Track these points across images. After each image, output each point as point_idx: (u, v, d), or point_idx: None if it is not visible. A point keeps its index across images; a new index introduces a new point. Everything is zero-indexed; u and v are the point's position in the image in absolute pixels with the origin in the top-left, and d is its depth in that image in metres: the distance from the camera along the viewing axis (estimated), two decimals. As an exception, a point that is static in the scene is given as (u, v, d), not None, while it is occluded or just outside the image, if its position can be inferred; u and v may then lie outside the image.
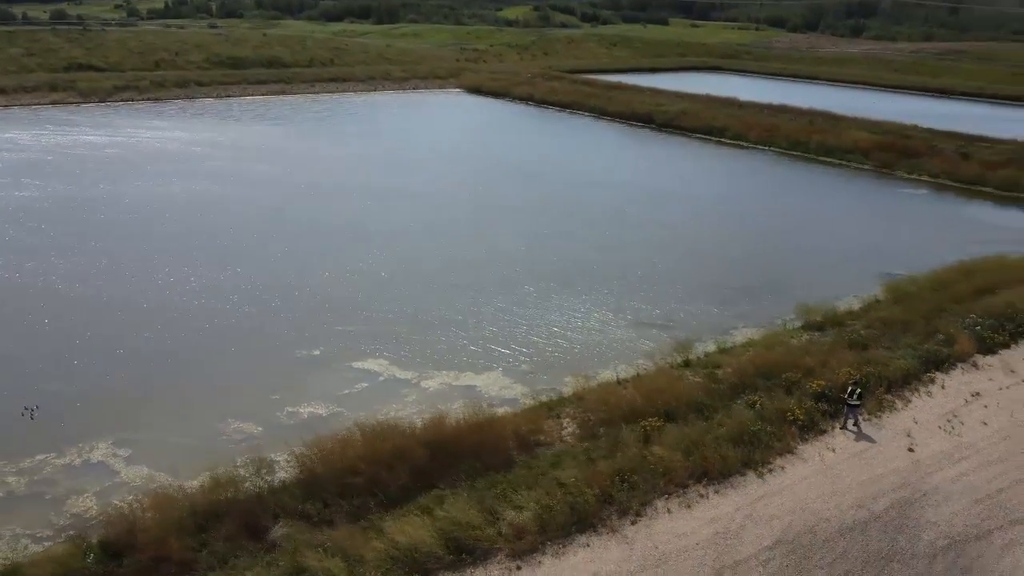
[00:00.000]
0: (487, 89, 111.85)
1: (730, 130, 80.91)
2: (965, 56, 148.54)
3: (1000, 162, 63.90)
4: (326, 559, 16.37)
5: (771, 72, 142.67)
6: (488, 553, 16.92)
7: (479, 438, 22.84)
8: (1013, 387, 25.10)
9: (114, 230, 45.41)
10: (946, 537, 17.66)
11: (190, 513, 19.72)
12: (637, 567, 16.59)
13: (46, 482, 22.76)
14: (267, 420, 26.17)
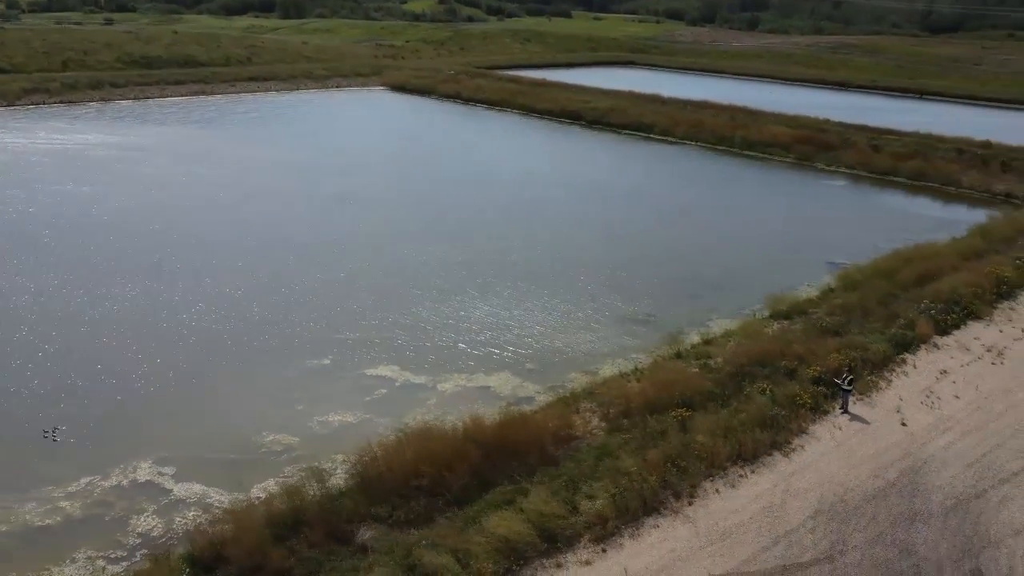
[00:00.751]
0: (411, 87, 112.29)
1: (658, 126, 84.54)
2: (855, 50, 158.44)
3: (908, 154, 69.63)
4: (437, 555, 17.83)
5: (681, 66, 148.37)
6: (573, 539, 18.78)
7: (517, 436, 24.58)
8: (972, 363, 28.69)
9: (82, 241, 44.58)
10: (952, 498, 20.65)
11: (268, 523, 20.72)
12: (705, 542, 18.81)
13: (101, 504, 23.15)
14: (300, 430, 27.08)
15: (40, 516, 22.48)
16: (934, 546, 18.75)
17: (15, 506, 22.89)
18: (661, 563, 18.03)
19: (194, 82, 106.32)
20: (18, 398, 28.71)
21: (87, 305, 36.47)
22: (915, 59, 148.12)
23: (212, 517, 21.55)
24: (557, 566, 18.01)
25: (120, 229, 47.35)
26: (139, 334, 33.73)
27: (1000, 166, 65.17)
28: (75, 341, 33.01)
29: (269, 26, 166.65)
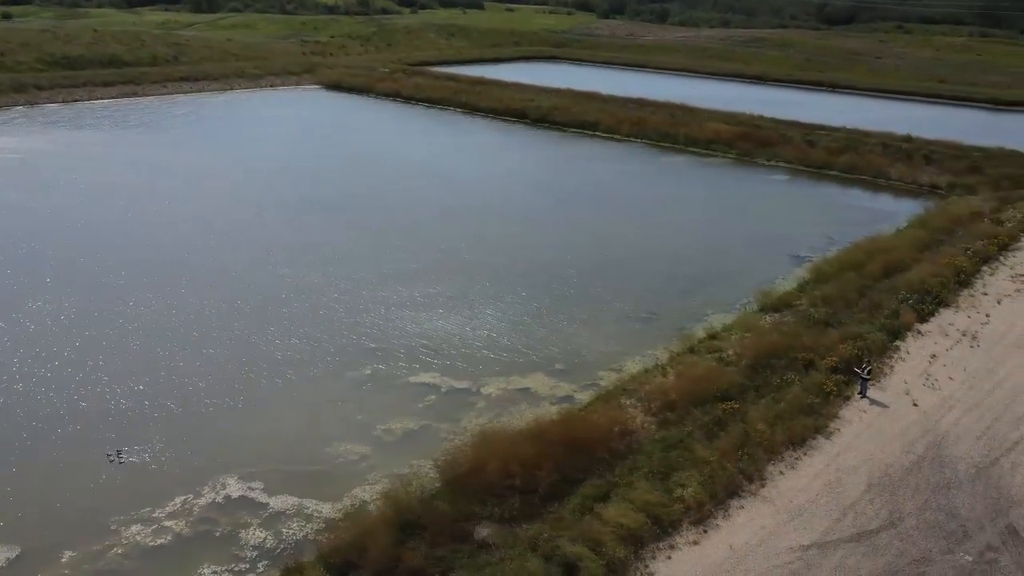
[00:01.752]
0: (348, 86, 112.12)
1: (602, 124, 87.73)
2: (766, 43, 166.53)
3: (840, 148, 75.11)
4: (571, 545, 20.06)
5: (604, 61, 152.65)
6: (676, 524, 21.33)
7: (582, 433, 26.99)
8: (955, 347, 32.77)
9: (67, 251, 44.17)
10: (973, 466, 24.27)
11: (385, 527, 22.46)
12: (786, 518, 21.72)
13: (205, 521, 24.29)
14: (368, 439, 28.66)
15: (150, 537, 23.50)
16: (971, 508, 22.26)
17: (120, 529, 23.81)
18: (757, 539, 20.83)
19: (123, 83, 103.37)
20: (80, 421, 29.17)
21: (109, 323, 36.73)
22: (821, 52, 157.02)
23: (328, 525, 23.17)
24: (670, 547, 20.56)
25: (125, 243, 47.06)
26: (174, 351, 34.41)
27: (923, 159, 71.25)
28: (109, 358, 33.45)
29: (184, 21, 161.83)
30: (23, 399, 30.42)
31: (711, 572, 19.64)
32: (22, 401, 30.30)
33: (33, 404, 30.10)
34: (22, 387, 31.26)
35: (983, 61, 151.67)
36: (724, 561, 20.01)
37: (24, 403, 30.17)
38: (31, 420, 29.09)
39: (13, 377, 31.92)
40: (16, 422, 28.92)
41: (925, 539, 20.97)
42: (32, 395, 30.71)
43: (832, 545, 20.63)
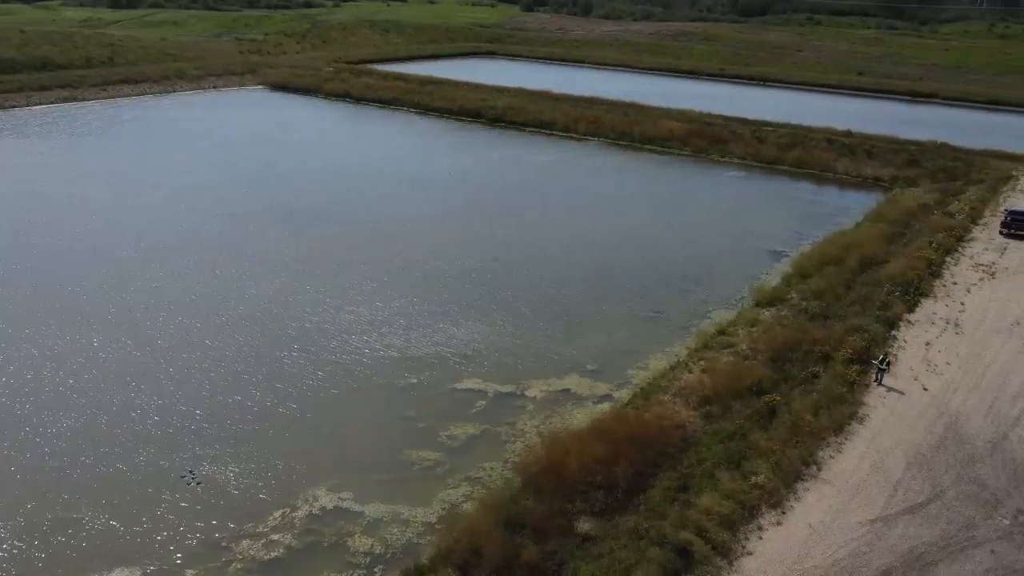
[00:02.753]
0: (294, 86, 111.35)
1: (558, 123, 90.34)
2: (694, 38, 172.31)
3: (788, 144, 79.76)
4: (679, 531, 22.53)
5: (542, 56, 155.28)
6: (757, 507, 24.08)
7: (639, 430, 29.50)
8: (944, 334, 36.71)
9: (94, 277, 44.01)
10: (988, 442, 27.89)
11: (490, 527, 24.45)
12: (848, 498, 24.73)
13: (310, 532, 25.74)
14: (436, 445, 30.42)
15: (263, 551, 24.85)
16: (996, 478, 25.80)
17: (231, 545, 25.07)
18: (829, 516, 23.78)
19: (61, 87, 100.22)
20: (154, 444, 29.97)
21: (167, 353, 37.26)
22: (746, 46, 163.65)
23: (428, 528, 25.06)
24: (759, 528, 23.29)
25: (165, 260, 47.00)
26: (234, 369, 35.33)
27: (865, 153, 76.51)
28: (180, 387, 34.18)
29: (107, 18, 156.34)
30: (89, 428, 31.02)
31: (800, 548, 22.46)
32: (89, 430, 30.90)
33: (99, 432, 30.76)
34: (75, 420, 31.80)
35: (894, 53, 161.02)
36: (808, 538, 22.87)
37: (91, 432, 30.79)
38: (105, 448, 29.78)
39: (80, 407, 32.40)
40: (92, 451, 29.57)
41: (966, 508, 24.35)
42: (97, 423, 31.33)
43: (892, 518, 23.77)
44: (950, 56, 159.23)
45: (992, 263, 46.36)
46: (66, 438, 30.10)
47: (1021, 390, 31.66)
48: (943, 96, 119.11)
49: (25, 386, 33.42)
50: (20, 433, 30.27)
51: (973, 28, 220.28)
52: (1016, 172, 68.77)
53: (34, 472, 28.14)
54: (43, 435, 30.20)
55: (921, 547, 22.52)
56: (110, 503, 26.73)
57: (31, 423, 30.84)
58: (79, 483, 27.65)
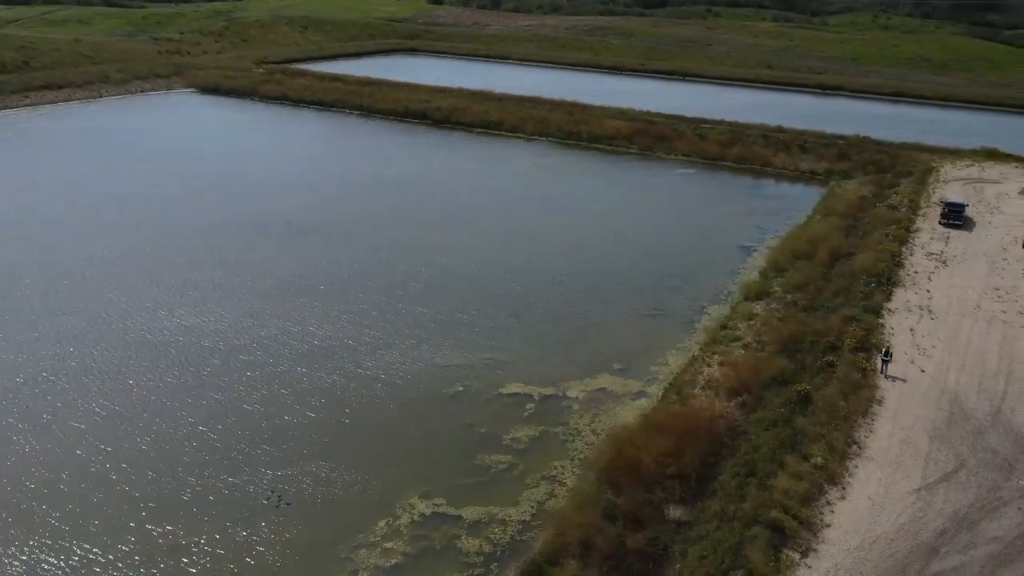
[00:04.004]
0: (227, 88, 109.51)
1: (506, 123, 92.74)
2: (609, 32, 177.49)
3: (728, 140, 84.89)
4: (767, 511, 25.78)
5: (465, 53, 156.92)
6: (821, 486, 27.65)
7: (690, 423, 32.66)
8: (923, 320, 41.52)
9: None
10: (988, 414, 32.45)
11: (589, 520, 27.10)
12: (891, 471, 28.59)
13: (420, 539, 27.67)
14: (504, 448, 32.72)
15: (382, 559, 26.70)
16: (1004, 446, 30.29)
17: (351, 556, 26.80)
18: (883, 489, 27.59)
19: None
20: (241, 467, 31.11)
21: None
22: (660, 40, 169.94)
23: (525, 526, 27.56)
24: (827, 504, 26.83)
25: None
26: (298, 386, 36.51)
27: (799, 148, 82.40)
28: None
29: (6, 16, 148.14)
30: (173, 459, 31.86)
31: (867, 517, 26.16)
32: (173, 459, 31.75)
33: (180, 458, 31.67)
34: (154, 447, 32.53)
35: (796, 46, 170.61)
36: (871, 508, 26.59)
37: (172, 461, 31.65)
38: (190, 474, 30.77)
39: (168, 439, 33.05)
40: (180, 474, 30.51)
41: (988, 473, 28.67)
42: (179, 450, 32.19)
43: (932, 486, 27.81)
44: (845, 48, 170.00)
45: (941, 252, 52.01)
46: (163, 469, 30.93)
47: (999, 367, 36.61)
48: (848, 89, 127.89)
49: (108, 443, 33.77)
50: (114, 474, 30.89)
51: (859, 19, 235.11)
52: (935, 164, 75.85)
53: (138, 500, 28.98)
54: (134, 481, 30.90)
55: (963, 509, 26.61)
56: (219, 528, 27.91)
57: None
58: (180, 508, 28.66)
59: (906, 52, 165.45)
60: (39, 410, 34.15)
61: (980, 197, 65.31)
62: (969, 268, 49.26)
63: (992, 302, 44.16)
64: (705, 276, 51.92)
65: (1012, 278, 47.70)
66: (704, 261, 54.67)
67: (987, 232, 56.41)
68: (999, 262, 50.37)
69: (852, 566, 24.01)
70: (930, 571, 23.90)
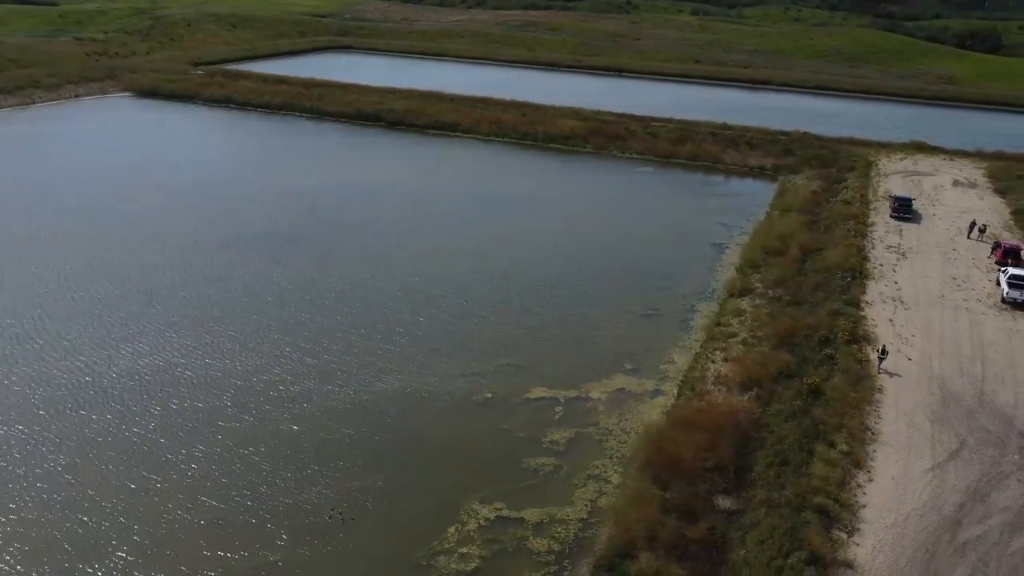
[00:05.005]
0: (166, 92, 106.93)
1: (461, 125, 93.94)
2: (540, 27, 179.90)
3: (678, 138, 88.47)
4: (815, 497, 28.61)
5: (400, 50, 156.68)
6: (849, 471, 30.74)
7: (716, 418, 35.39)
8: (896, 311, 45.41)
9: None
10: (974, 397, 36.26)
11: (648, 514, 29.44)
12: (904, 453, 31.88)
13: (491, 541, 29.40)
14: (545, 451, 34.73)
15: (461, 563, 28.35)
16: (994, 424, 34.09)
17: (431, 563, 28.36)
18: (901, 469, 30.83)
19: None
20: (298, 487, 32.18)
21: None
22: (590, 35, 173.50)
23: (584, 523, 29.76)
24: (858, 486, 29.89)
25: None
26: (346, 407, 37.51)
27: (746, 144, 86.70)
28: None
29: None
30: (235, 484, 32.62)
31: (895, 496, 29.36)
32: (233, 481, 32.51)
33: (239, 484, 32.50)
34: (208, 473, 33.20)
35: (719, 39, 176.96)
36: (896, 487, 29.83)
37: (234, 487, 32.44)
38: (251, 497, 31.69)
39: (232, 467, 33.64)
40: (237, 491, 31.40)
41: (986, 450, 32.38)
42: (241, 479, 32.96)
43: (943, 465, 31.29)
44: (766, 41, 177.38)
45: (899, 244, 56.51)
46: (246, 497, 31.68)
47: (973, 352, 40.76)
48: (776, 83, 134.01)
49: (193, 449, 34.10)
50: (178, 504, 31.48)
51: (771, 12, 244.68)
52: (872, 158, 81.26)
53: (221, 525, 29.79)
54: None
55: (973, 484, 30.15)
56: (296, 545, 29.05)
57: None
58: (251, 531, 29.65)
59: (821, 45, 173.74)
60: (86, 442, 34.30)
61: (920, 190, 70.66)
62: (926, 259, 53.84)
63: (953, 291, 48.62)
64: (687, 274, 54.93)
65: (965, 267, 52.45)
66: (682, 260, 57.71)
67: (934, 224, 61.43)
68: (950, 252, 55.17)
69: (893, 541, 27.11)
70: (959, 541, 27.23)
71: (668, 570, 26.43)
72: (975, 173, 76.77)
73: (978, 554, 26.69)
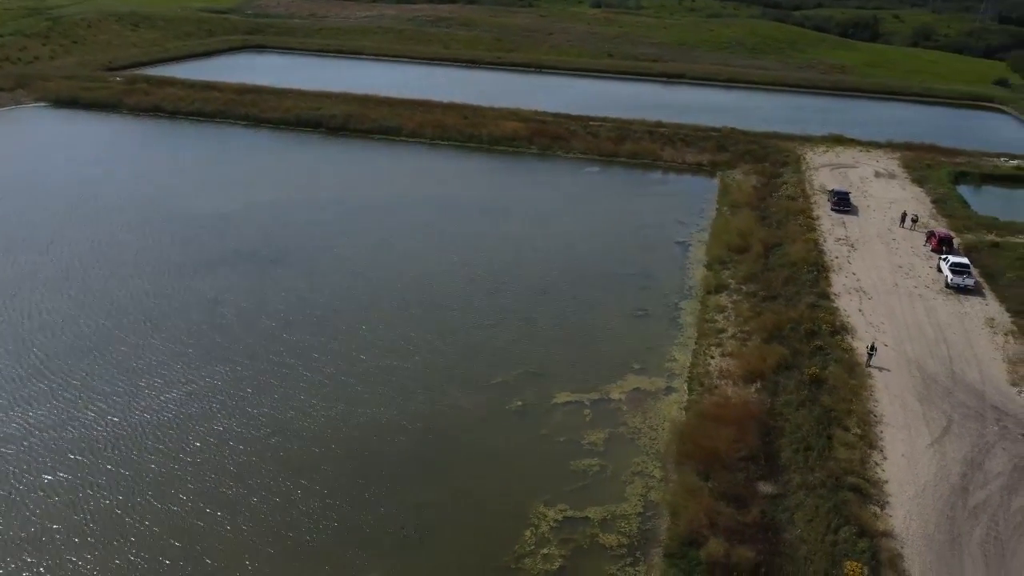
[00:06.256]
0: (86, 101, 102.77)
1: (405, 129, 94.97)
2: (452, 23, 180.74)
3: (617, 137, 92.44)
4: (846, 477, 32.65)
5: (316, 49, 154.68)
6: (866, 451, 35.04)
7: (735, 411, 39.22)
8: (863, 301, 50.44)
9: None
10: (948, 377, 41.38)
11: (704, 504, 32.86)
12: (905, 431, 36.41)
13: (566, 541, 32.13)
14: (588, 452, 37.64)
15: (545, 563, 31.00)
16: (971, 400, 39.22)
17: (518, 566, 30.87)
18: (908, 447, 35.31)
19: None
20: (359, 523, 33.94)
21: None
22: (503, 30, 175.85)
23: (643, 517, 32.94)
24: (876, 463, 34.29)
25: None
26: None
27: (682, 142, 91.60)
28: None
29: None
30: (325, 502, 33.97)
31: (909, 470, 33.86)
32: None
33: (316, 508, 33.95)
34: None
35: (627, 32, 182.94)
36: (907, 463, 34.35)
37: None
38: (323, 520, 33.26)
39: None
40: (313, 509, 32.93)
41: (971, 424, 37.45)
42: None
43: (940, 440, 36.10)
44: (670, 34, 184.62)
45: (846, 237, 62.20)
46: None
47: (936, 335, 46.26)
48: (690, 76, 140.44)
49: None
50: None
51: (668, 3, 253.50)
52: (800, 152, 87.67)
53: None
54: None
55: (970, 455, 35.07)
56: (384, 559, 30.98)
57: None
58: (335, 549, 31.37)
59: (722, 36, 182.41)
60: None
61: (849, 182, 77.16)
62: (872, 250, 59.64)
63: (903, 279, 54.40)
64: (661, 273, 58.76)
65: (907, 256, 58.53)
66: (653, 259, 61.45)
67: (870, 216, 67.66)
68: (891, 243, 61.26)
69: (919, 511, 31.55)
70: (970, 505, 31.94)
71: (737, 553, 29.93)
72: (891, 164, 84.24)
73: (988, 515, 31.44)
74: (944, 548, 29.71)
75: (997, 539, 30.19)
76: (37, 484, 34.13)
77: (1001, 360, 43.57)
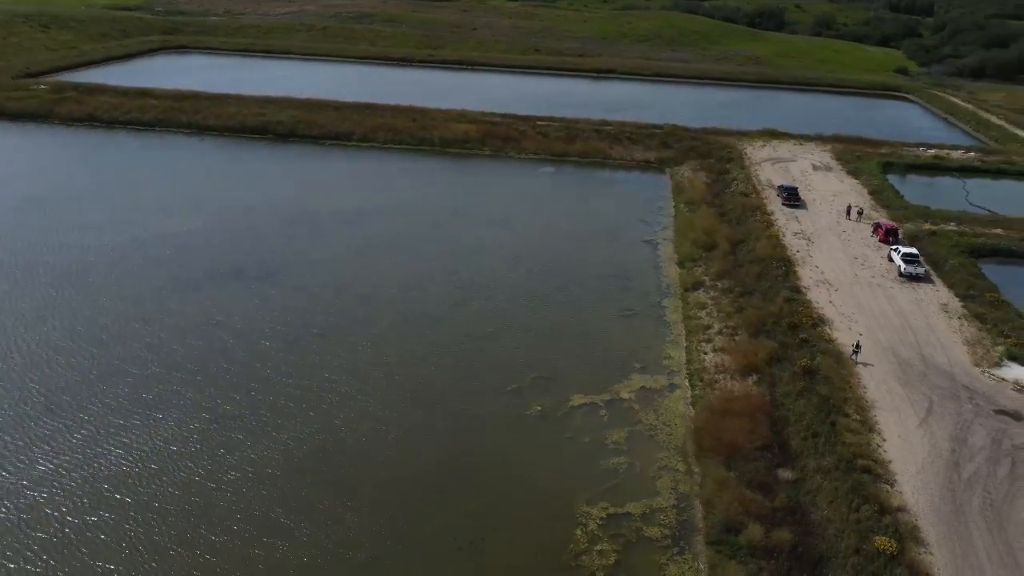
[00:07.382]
0: (12, 112, 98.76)
1: (356, 134, 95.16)
2: (375, 19, 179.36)
3: (567, 137, 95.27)
4: (857, 460, 36.29)
5: (241, 48, 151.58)
6: (868, 435, 38.88)
7: (744, 403, 42.56)
8: (832, 293, 54.69)
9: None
10: (920, 362, 45.91)
11: (737, 493, 35.96)
12: (896, 414, 40.48)
13: (615, 536, 34.58)
14: (613, 451, 40.20)
15: (602, 558, 33.44)
16: (943, 381, 43.75)
17: (579, 562, 33.20)
18: (901, 428, 39.32)
19: None
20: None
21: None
22: (428, 26, 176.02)
23: (679, 510, 35.83)
24: (878, 446, 38.17)
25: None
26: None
27: (628, 140, 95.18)
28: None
29: None
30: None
31: (908, 449, 37.81)
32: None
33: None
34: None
35: (549, 27, 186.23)
36: (905, 443, 38.36)
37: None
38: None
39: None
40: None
41: (949, 403, 41.86)
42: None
43: (926, 421, 40.30)
44: (591, 27, 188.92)
45: (802, 231, 66.80)
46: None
47: (901, 322, 50.94)
48: (620, 71, 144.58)
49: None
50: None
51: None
52: (741, 147, 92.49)
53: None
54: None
55: (955, 432, 39.40)
56: (447, 568, 32.85)
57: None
58: (397, 564, 33.03)
59: (641, 29, 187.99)
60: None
61: (790, 176, 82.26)
62: (827, 243, 64.40)
63: (860, 269, 59.20)
64: (637, 272, 61.88)
65: (859, 247, 63.51)
66: (626, 259, 64.52)
67: (818, 209, 72.66)
68: (842, 235, 66.22)
69: (923, 486, 35.52)
70: (963, 478, 36.14)
71: (776, 536, 33.15)
72: (825, 156, 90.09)
73: (980, 485, 35.70)
74: (952, 518, 33.70)
75: (992, 506, 34.41)
76: (82, 525, 34.23)
77: (961, 343, 48.52)
